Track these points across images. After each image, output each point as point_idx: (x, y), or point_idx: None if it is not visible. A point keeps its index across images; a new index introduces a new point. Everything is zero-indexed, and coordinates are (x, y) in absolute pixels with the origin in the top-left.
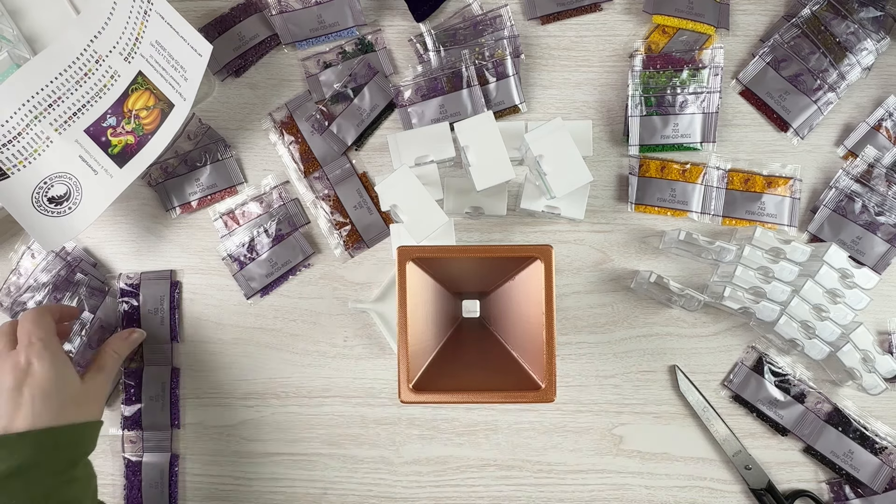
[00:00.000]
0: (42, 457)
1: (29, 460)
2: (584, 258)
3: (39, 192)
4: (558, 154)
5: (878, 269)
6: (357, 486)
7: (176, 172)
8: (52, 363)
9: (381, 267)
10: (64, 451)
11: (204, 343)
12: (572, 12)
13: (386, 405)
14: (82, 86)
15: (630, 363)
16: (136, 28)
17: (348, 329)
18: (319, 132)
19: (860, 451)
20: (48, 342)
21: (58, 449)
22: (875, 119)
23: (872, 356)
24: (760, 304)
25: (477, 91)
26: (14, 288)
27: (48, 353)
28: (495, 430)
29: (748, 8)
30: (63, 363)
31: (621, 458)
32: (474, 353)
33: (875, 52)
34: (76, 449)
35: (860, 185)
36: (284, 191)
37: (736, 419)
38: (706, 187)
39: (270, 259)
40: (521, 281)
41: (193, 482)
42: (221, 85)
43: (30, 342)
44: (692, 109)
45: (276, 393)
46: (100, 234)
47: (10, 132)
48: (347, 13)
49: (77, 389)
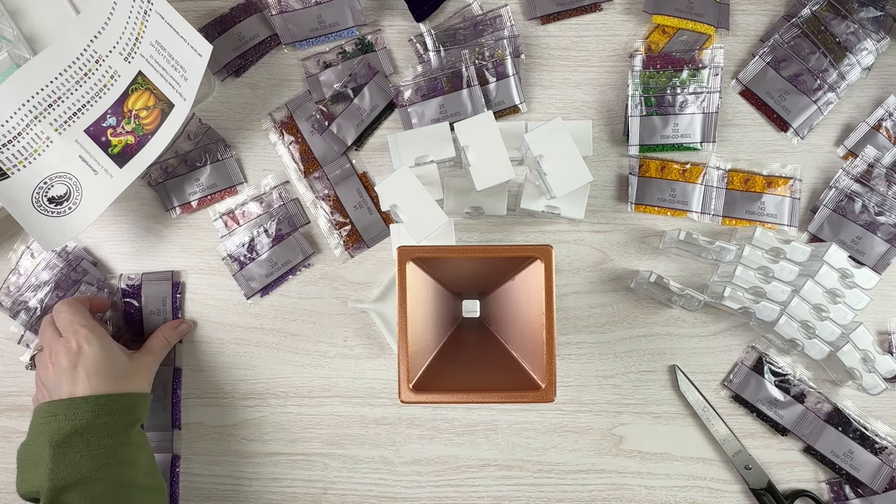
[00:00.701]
0: (101, 419)
1: (90, 421)
2: (584, 258)
3: (39, 192)
4: (558, 154)
5: (878, 269)
6: (357, 486)
7: (176, 172)
8: (101, 345)
9: (381, 267)
10: (119, 415)
11: (204, 343)
12: (572, 12)
13: (386, 405)
14: (82, 86)
15: (630, 363)
16: (136, 28)
17: (348, 329)
18: (319, 132)
19: (860, 451)
20: (92, 327)
21: (113, 413)
22: (875, 119)
23: (872, 356)
24: (760, 304)
25: (477, 91)
26: (14, 287)
27: (95, 337)
28: (495, 430)
29: (748, 8)
30: (110, 344)
31: (621, 458)
32: (474, 353)
33: (875, 52)
34: (129, 415)
35: (860, 185)
36: (284, 191)
37: (736, 419)
38: (706, 187)
39: (270, 259)
40: (521, 281)
41: (193, 482)
42: (221, 85)
43: (75, 329)
44: (692, 109)
45: (276, 393)
46: (100, 234)
47: (10, 132)
48: (347, 13)
49: (125, 366)
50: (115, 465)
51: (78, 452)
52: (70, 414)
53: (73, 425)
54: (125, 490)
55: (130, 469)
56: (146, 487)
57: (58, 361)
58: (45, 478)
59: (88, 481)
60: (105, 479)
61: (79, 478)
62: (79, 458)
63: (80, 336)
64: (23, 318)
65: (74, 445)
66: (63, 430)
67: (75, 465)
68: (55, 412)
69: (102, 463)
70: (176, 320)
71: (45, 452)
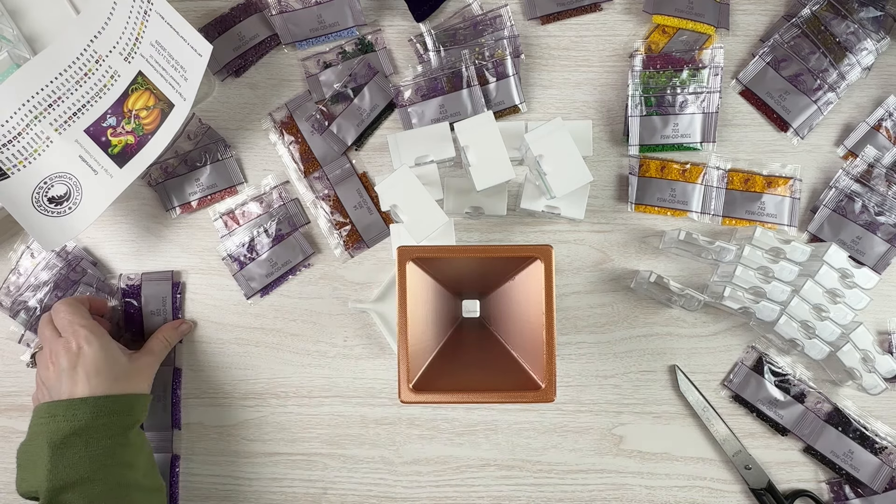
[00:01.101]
0: (100, 421)
1: (89, 422)
2: (584, 258)
3: (39, 192)
4: (558, 154)
5: (878, 268)
6: (357, 486)
7: (176, 172)
8: (100, 345)
9: (381, 267)
10: (118, 416)
11: (204, 343)
12: (572, 12)
13: (386, 405)
14: (82, 86)
15: (630, 363)
16: (136, 28)
17: (348, 329)
18: (319, 132)
19: (860, 451)
20: (92, 327)
21: (112, 414)
22: (875, 119)
23: (872, 356)
24: (760, 304)
25: (477, 91)
26: (14, 287)
27: (94, 337)
28: (495, 430)
29: (748, 8)
30: (109, 344)
31: (621, 458)
32: (474, 353)
33: (875, 52)
34: (128, 416)
35: (860, 185)
36: (284, 191)
37: (736, 419)
38: (706, 187)
39: (270, 259)
40: (521, 281)
41: (193, 482)
42: (221, 85)
43: (74, 329)
44: (692, 109)
45: (276, 393)
46: (100, 234)
47: (10, 132)
48: (347, 13)
49: (125, 367)
50: (113, 466)
51: (76, 453)
52: (69, 415)
53: (72, 426)
54: (124, 490)
55: (129, 470)
56: (145, 488)
57: (58, 361)
58: (44, 478)
59: (87, 482)
60: (103, 480)
61: (77, 478)
62: (77, 459)
63: (80, 336)
64: (22, 317)
65: (73, 446)
66: (62, 430)
67: (74, 465)
68: (54, 413)
69: (101, 464)
70: (176, 321)
71: (43, 453)
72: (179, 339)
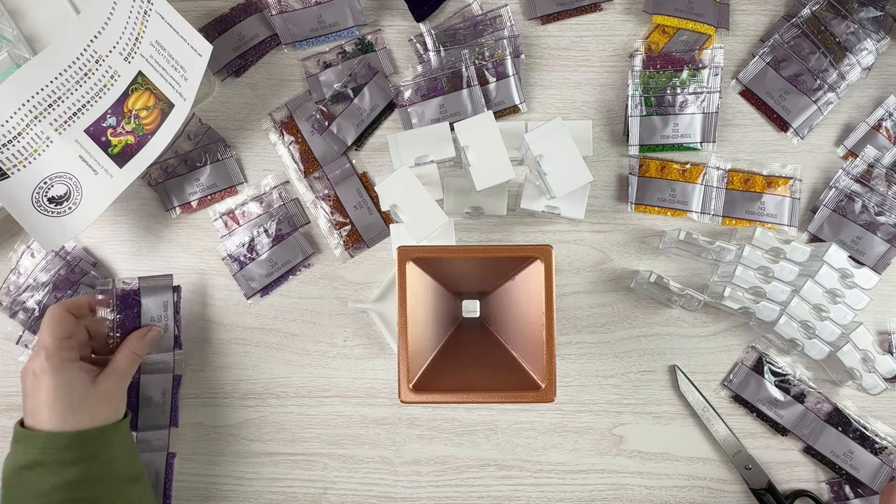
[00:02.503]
0: (50, 456)
1: (38, 458)
2: (584, 258)
3: (39, 192)
4: (558, 154)
5: (878, 269)
6: (357, 486)
7: (176, 172)
8: (53, 375)
9: (381, 267)
10: (71, 451)
11: (204, 343)
12: (572, 12)
13: (386, 405)
14: (82, 86)
15: (630, 363)
16: (136, 28)
17: (348, 329)
18: (319, 132)
19: (860, 451)
20: (51, 352)
21: (66, 449)
22: (875, 119)
23: (872, 356)
24: (760, 304)
25: (477, 91)
26: (14, 287)
27: (49, 365)
28: (495, 430)
29: (748, 8)
30: (67, 371)
31: (621, 458)
32: (474, 353)
33: (875, 52)
34: (83, 449)
35: (860, 185)
36: (284, 191)
37: (736, 419)
38: (706, 187)
39: (270, 259)
40: (521, 281)
41: (193, 482)
42: (221, 85)
43: (37, 350)
44: (692, 109)
45: (275, 393)
46: (100, 234)
47: (10, 132)
48: (347, 13)
49: (85, 395)
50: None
51: (27, 489)
52: (23, 447)
53: (26, 459)
54: None
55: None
56: None
57: (24, 380)
58: None
59: None
60: None
61: None
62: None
63: (37, 361)
64: (21, 317)
65: (25, 480)
66: (18, 462)
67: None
68: (18, 438)
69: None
70: (143, 329)
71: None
72: (149, 348)
